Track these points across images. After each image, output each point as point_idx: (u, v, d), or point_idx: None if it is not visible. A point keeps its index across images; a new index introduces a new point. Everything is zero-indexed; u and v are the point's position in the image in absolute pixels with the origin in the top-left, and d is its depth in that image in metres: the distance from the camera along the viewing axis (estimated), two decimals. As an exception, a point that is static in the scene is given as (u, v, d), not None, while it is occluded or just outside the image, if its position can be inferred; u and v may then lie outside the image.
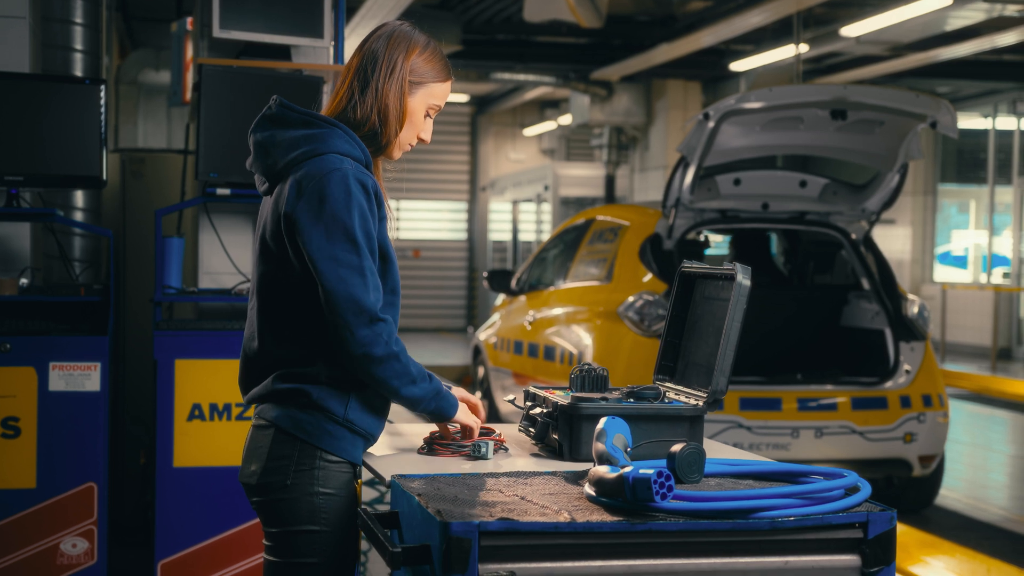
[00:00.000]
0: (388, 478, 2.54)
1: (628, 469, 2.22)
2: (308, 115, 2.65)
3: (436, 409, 2.70)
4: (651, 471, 2.17)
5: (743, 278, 2.74)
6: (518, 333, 8.95)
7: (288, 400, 2.66)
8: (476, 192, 23.27)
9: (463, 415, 2.78)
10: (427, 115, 2.76)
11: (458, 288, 23.15)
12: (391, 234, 2.74)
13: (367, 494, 5.66)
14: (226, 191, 4.81)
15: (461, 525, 2.10)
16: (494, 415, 9.22)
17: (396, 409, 2.87)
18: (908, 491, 7.29)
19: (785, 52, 14.04)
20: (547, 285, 8.91)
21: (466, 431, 2.80)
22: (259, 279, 2.70)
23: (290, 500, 2.64)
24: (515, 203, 21.63)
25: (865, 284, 7.54)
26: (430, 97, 2.74)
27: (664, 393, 2.87)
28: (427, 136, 2.79)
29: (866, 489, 2.35)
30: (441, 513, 2.16)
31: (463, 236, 23.50)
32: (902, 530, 6.64)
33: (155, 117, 13.96)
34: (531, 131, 22.86)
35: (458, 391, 2.83)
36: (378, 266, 2.64)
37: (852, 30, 13.28)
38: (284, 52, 5.03)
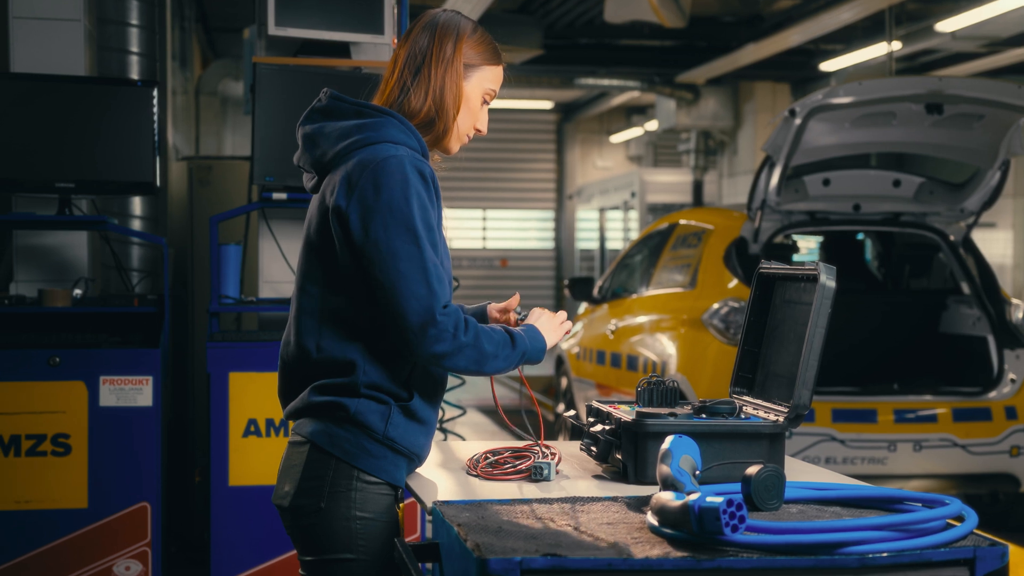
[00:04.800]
0: (430, 504, 2.29)
1: (694, 496, 1.94)
2: (361, 105, 2.51)
3: (528, 363, 2.54)
4: (720, 499, 1.90)
5: (827, 279, 2.44)
6: (600, 342, 8.67)
7: (325, 414, 2.46)
8: (563, 200, 23.05)
9: (553, 341, 2.62)
10: (484, 102, 2.62)
11: (545, 298, 22.89)
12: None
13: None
14: (282, 195, 4.61)
15: (500, 562, 1.85)
16: (577, 431, 8.93)
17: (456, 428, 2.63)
18: (1016, 508, 6.88)
19: (877, 50, 13.59)
20: (630, 292, 8.63)
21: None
22: (300, 278, 2.53)
23: (325, 525, 2.45)
24: (602, 211, 21.34)
25: (965, 288, 7.15)
26: (484, 81, 2.60)
27: (740, 408, 2.59)
28: (483, 127, 2.65)
29: (972, 519, 2.04)
30: (480, 547, 1.91)
31: (550, 245, 23.27)
32: (1012, 551, 6.25)
33: (244, 128, 13.95)
34: (618, 138, 22.58)
35: (538, 319, 2.63)
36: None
37: (947, 25, 12.79)
38: (343, 49, 4.82)
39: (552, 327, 2.62)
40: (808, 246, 10.92)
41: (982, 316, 6.95)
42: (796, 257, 8.14)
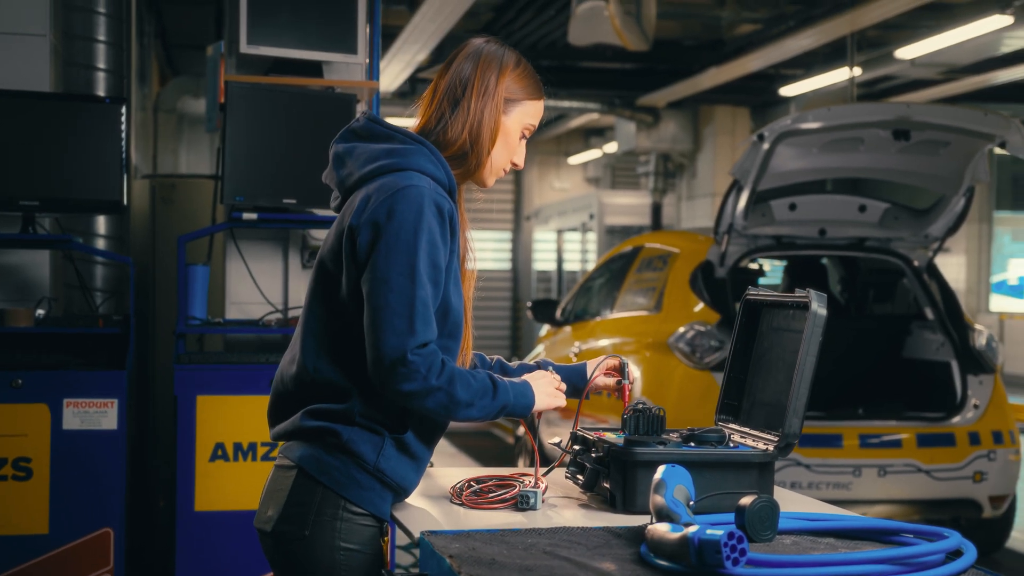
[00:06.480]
0: (417, 534, 2.23)
1: (693, 528, 1.90)
2: (395, 130, 2.47)
3: (510, 417, 2.47)
4: (720, 531, 1.86)
5: (818, 307, 2.43)
6: (563, 365, 8.61)
7: (316, 439, 2.41)
8: (520, 221, 23.02)
9: (544, 404, 2.53)
10: (522, 136, 2.58)
11: (502, 319, 22.85)
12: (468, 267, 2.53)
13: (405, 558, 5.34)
14: (252, 216, 4.54)
15: (497, 596, 1.80)
16: (540, 454, 8.88)
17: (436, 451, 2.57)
18: (978, 533, 6.88)
19: (837, 76, 13.69)
20: (593, 315, 8.59)
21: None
22: (309, 298, 2.48)
23: (307, 553, 2.40)
24: (560, 232, 21.34)
25: (929, 314, 7.18)
26: (525, 116, 2.56)
27: (729, 436, 2.55)
28: (520, 160, 2.61)
29: (971, 553, 2.02)
30: (474, 580, 1.85)
31: (507, 266, 23.22)
32: None
33: (198, 146, 13.80)
34: (576, 159, 22.60)
35: (536, 379, 2.57)
36: (437, 304, 2.37)
37: (907, 52, 12.92)
38: (315, 69, 4.77)
39: (547, 390, 2.55)
40: (766, 269, 10.94)
41: (946, 342, 6.97)
42: (760, 281, 8.16)
